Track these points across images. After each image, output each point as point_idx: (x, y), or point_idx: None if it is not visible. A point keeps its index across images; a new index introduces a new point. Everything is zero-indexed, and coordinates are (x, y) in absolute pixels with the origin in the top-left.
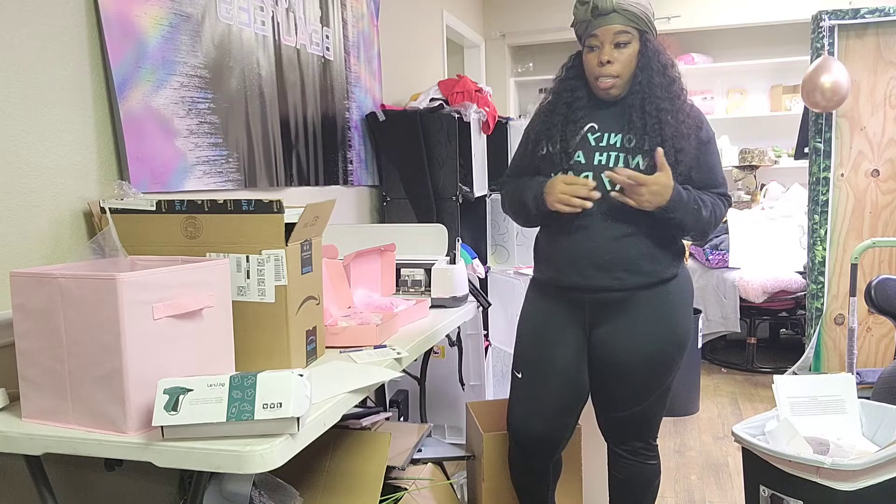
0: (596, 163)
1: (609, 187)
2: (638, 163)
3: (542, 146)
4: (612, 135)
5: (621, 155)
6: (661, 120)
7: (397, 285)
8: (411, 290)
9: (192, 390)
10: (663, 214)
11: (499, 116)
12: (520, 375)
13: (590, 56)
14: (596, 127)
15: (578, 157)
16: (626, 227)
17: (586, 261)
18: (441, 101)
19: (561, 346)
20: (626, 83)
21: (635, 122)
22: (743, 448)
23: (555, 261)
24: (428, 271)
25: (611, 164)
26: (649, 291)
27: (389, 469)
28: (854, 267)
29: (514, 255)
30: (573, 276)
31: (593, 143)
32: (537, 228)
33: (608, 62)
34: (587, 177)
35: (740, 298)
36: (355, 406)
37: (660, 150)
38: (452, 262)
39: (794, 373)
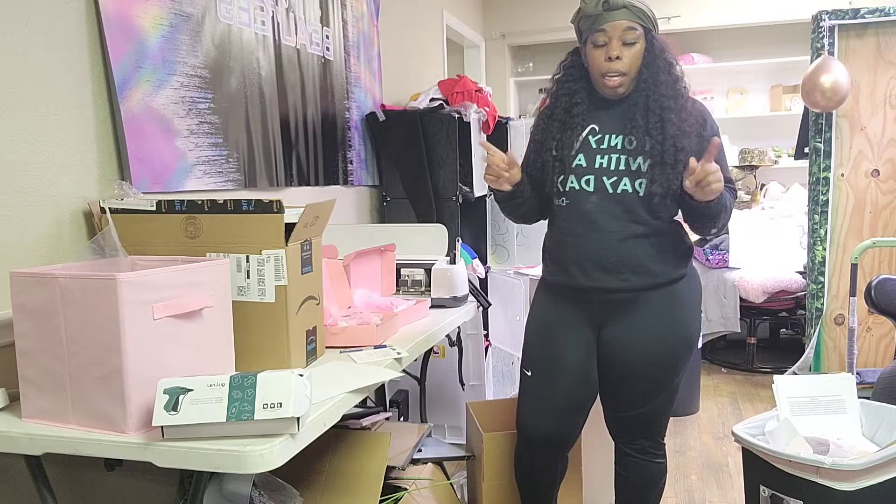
0: (597, 166)
1: (611, 189)
2: (639, 164)
3: (542, 152)
4: (613, 136)
5: (622, 157)
6: (663, 118)
7: (397, 285)
8: (411, 290)
9: (192, 390)
10: (715, 202)
11: (499, 116)
12: (529, 373)
13: (596, 52)
14: (597, 129)
15: (580, 160)
16: (633, 228)
17: (592, 263)
18: (441, 101)
19: (570, 345)
20: (632, 81)
21: (638, 121)
22: (743, 448)
23: (561, 262)
24: (428, 271)
25: (612, 167)
26: (657, 291)
27: (389, 469)
28: (854, 267)
29: (514, 255)
30: (580, 278)
31: (594, 146)
32: (543, 230)
33: (617, 58)
34: (588, 180)
35: (740, 298)
36: (355, 406)
37: (692, 160)
38: (452, 262)
39: (794, 373)
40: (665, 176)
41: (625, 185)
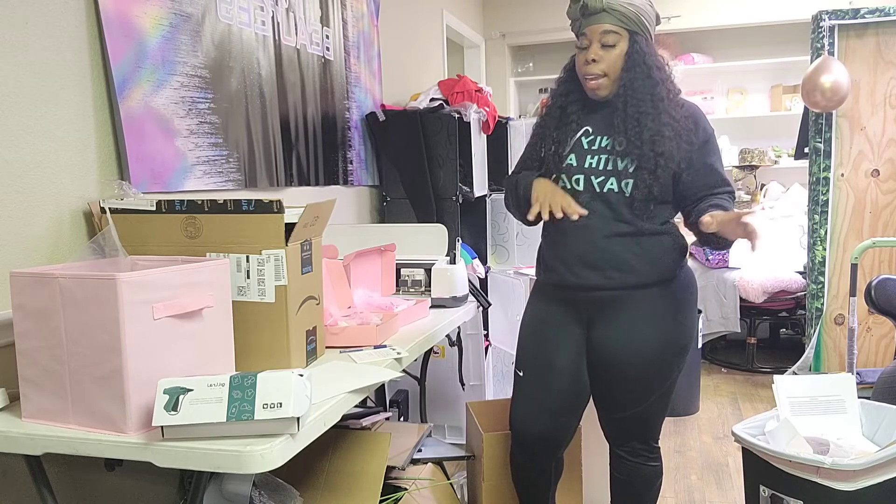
0: (587, 165)
1: (598, 189)
2: (626, 165)
3: (539, 148)
4: (604, 138)
5: (611, 157)
6: (640, 122)
7: (397, 285)
8: (411, 290)
9: (192, 390)
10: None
11: (499, 116)
12: (521, 374)
13: (579, 55)
14: (591, 130)
15: (571, 159)
16: (617, 227)
17: (577, 259)
18: (441, 101)
19: (561, 345)
20: (614, 83)
21: (619, 126)
22: (743, 448)
23: (549, 260)
24: (428, 271)
25: (600, 167)
26: (646, 291)
27: (389, 469)
28: (854, 267)
29: (514, 255)
30: (566, 274)
31: (586, 147)
32: (539, 232)
33: (593, 61)
34: (578, 179)
35: (740, 298)
36: (355, 406)
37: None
38: (452, 262)
39: (794, 373)
40: (644, 181)
41: (611, 184)
